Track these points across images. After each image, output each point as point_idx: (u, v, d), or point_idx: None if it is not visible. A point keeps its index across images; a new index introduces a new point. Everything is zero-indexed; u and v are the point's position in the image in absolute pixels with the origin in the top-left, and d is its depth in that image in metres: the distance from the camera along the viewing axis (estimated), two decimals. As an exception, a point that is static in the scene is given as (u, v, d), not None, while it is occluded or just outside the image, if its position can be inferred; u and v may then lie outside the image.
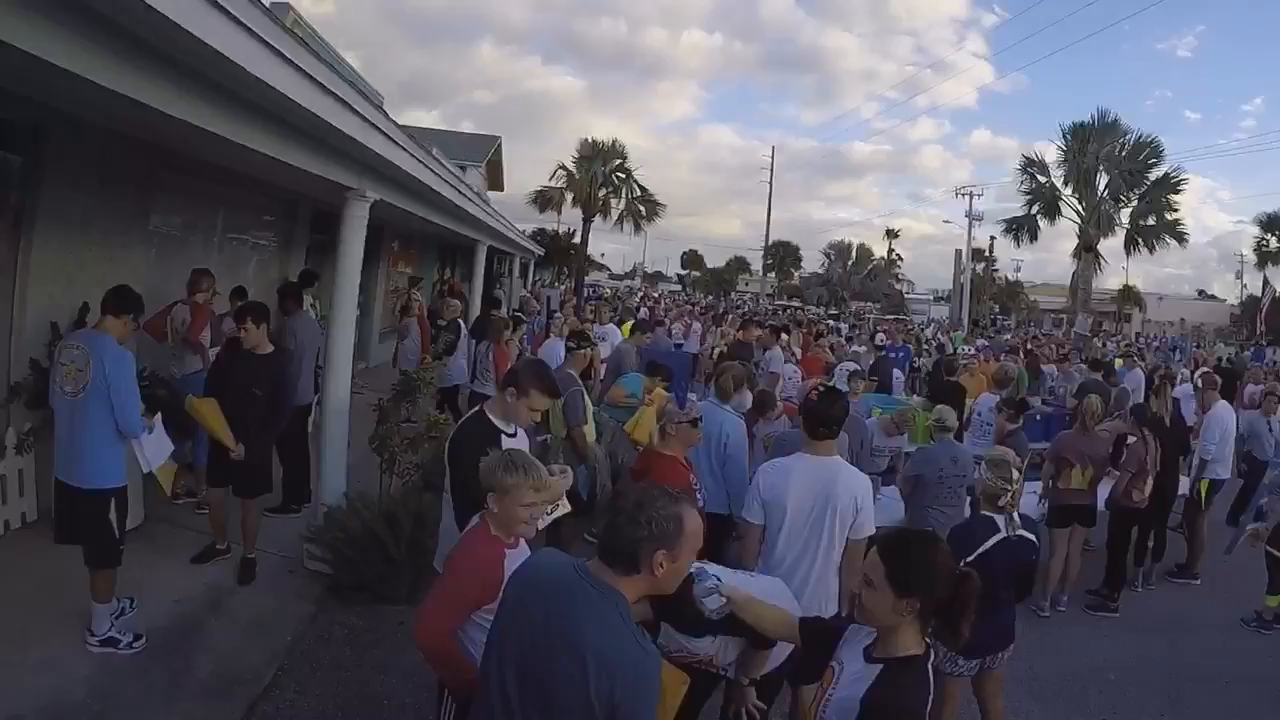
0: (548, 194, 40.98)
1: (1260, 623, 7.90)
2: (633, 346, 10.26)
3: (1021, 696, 6.13)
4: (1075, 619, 7.74)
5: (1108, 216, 38.60)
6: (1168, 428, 8.62)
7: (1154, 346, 37.02)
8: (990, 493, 4.76)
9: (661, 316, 23.35)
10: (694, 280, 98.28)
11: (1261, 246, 48.42)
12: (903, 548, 2.67)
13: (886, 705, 2.46)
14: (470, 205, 11.92)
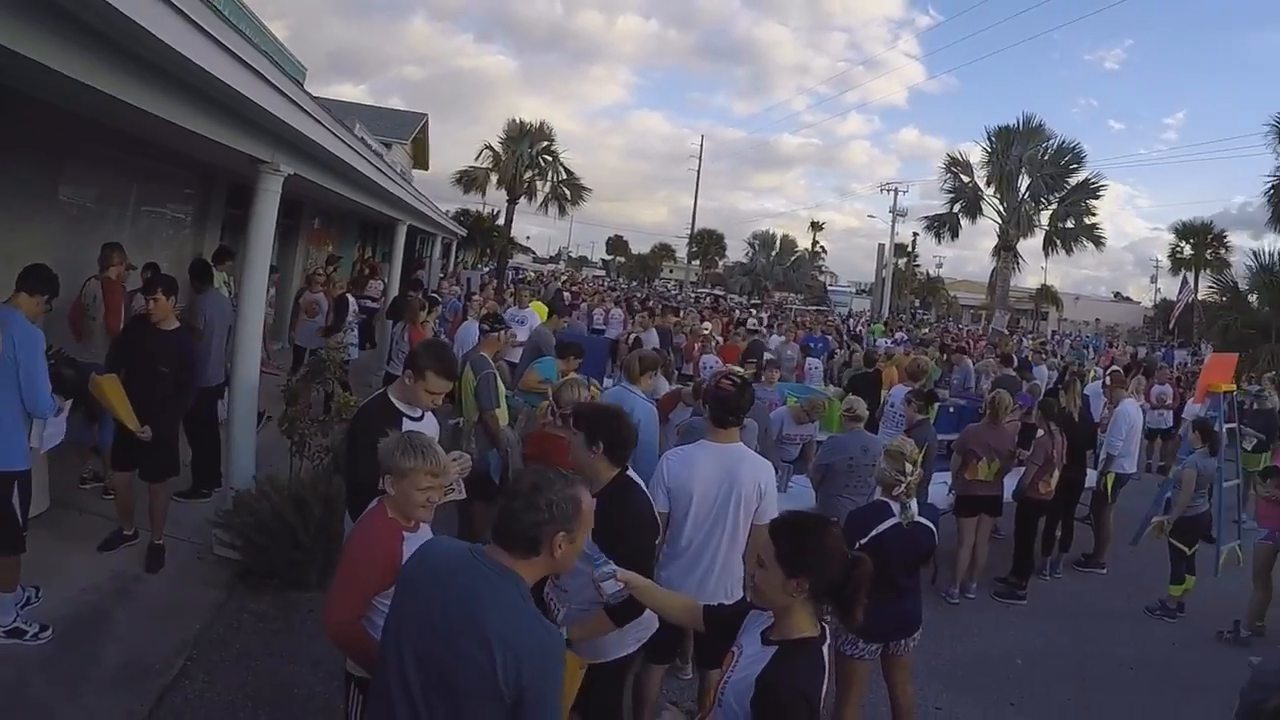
0: (473, 174, 40.63)
1: (1164, 611, 8.26)
2: (549, 331, 10.12)
3: (930, 681, 6.28)
4: (984, 606, 7.98)
5: (1027, 218, 39.50)
6: (1075, 422, 8.96)
7: (1068, 344, 37.86)
8: (886, 481, 4.89)
9: (577, 300, 23.14)
10: (619, 266, 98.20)
11: (1176, 253, 50.49)
12: (794, 529, 2.70)
13: (778, 685, 2.47)
14: (390, 183, 11.74)
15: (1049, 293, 67.40)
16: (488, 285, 25.25)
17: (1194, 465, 8.28)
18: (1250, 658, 6.60)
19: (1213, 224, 49.62)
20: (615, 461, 3.82)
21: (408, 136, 34.92)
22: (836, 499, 6.68)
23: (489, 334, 7.69)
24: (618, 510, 3.64)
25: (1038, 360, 17.99)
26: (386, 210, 15.21)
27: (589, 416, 3.94)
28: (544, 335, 9.99)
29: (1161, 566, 8.45)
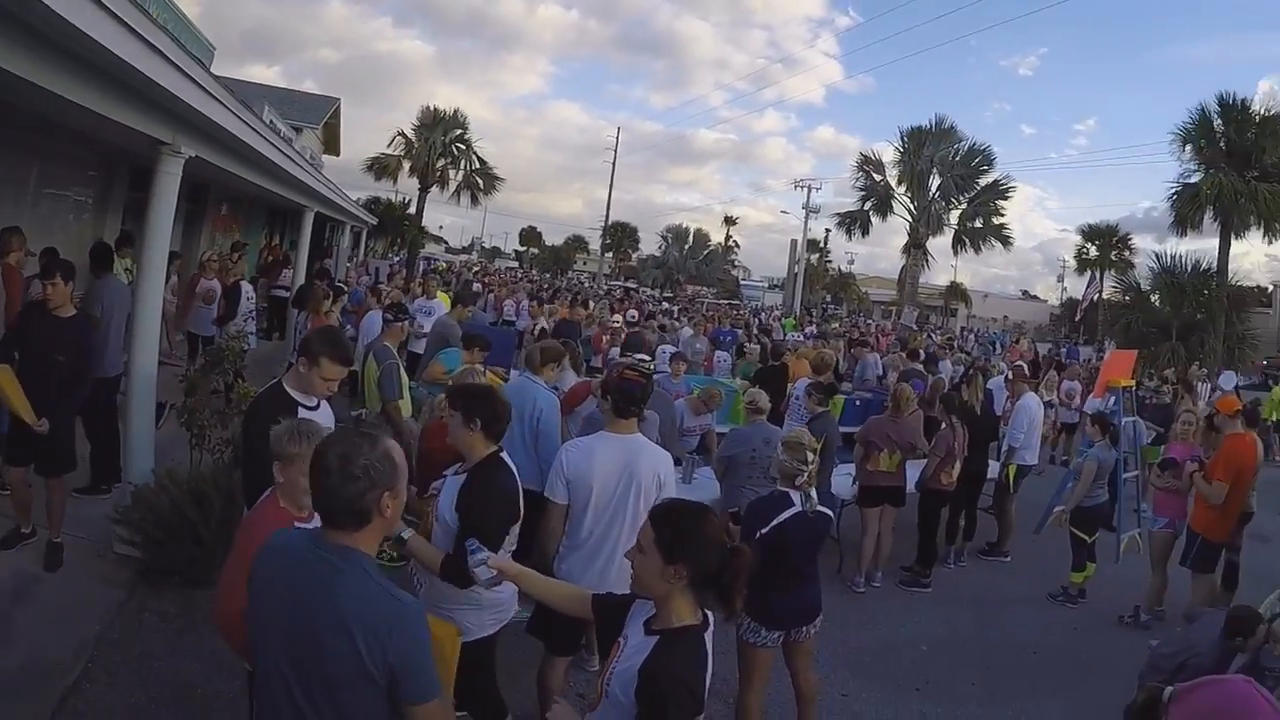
0: (384, 161, 39.81)
1: (1066, 597, 8.50)
2: (454, 321, 9.98)
3: (837, 668, 6.40)
4: (889, 594, 8.12)
5: (937, 217, 40.46)
6: (977, 415, 9.18)
7: (973, 340, 38.77)
8: (787, 472, 4.91)
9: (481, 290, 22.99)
10: (532, 258, 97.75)
11: (1082, 254, 51.91)
12: (673, 516, 2.72)
13: (659, 675, 2.48)
14: (297, 168, 11.43)
15: (958, 290, 69.35)
16: (396, 275, 24.88)
17: (1093, 457, 8.52)
18: (1150, 641, 6.80)
19: (1118, 227, 51.64)
20: (491, 438, 3.90)
21: (319, 121, 34.34)
22: (740, 490, 6.75)
23: (392, 324, 7.58)
24: (480, 486, 3.73)
25: (944, 355, 18.28)
26: (294, 196, 14.92)
27: (464, 395, 4.00)
28: (449, 326, 9.86)
29: (1064, 554, 8.69)
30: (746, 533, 4.75)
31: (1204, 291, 27.36)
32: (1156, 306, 28.22)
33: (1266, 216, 26.43)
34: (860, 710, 5.88)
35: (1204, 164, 27.73)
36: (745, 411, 7.62)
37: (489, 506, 3.73)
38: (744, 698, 4.83)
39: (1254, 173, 26.57)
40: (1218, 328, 26.36)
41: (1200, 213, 27.29)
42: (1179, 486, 7.88)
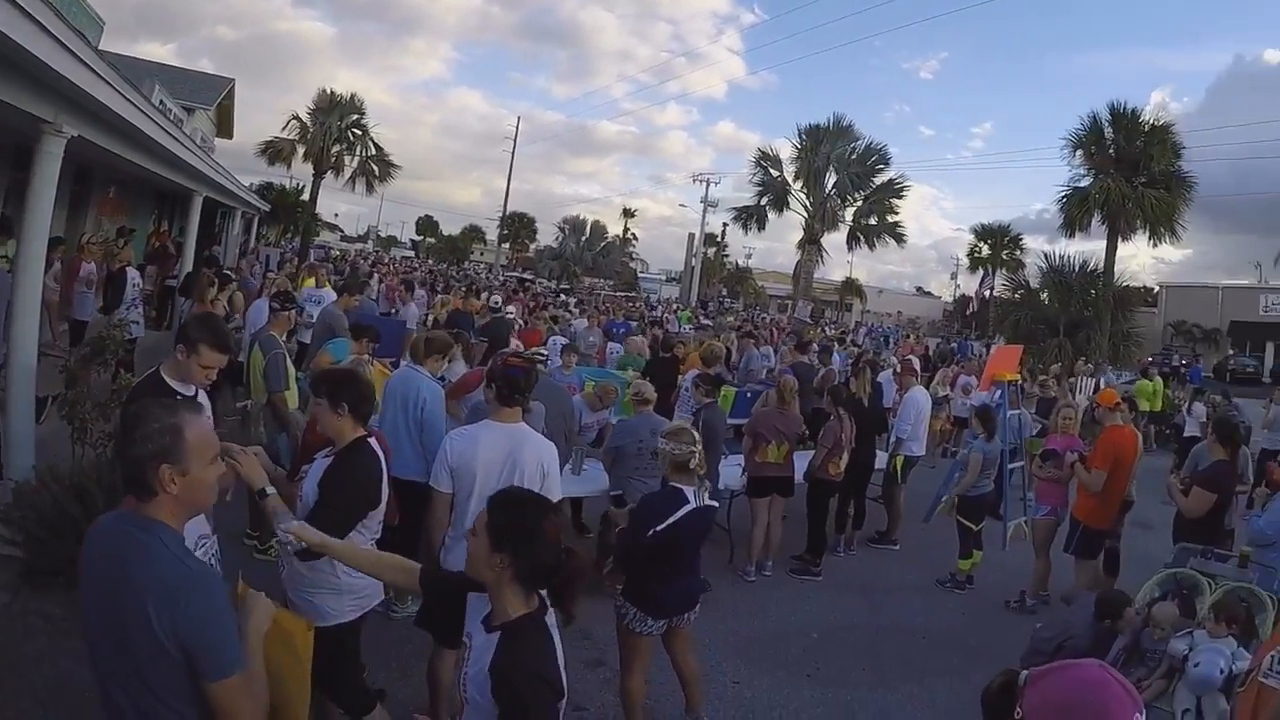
0: (278, 146, 38.96)
1: (954, 583, 8.77)
2: (340, 311, 9.78)
3: (728, 656, 6.49)
4: (780, 583, 8.26)
5: (833, 213, 41.08)
6: (865, 407, 9.42)
7: (862, 334, 39.64)
8: (678, 460, 4.87)
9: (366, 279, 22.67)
10: (428, 247, 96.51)
11: (975, 252, 53.99)
12: (510, 504, 2.72)
13: (510, 672, 2.47)
14: (185, 151, 11.09)
15: (853, 285, 70.66)
16: (288, 263, 24.33)
17: (977, 449, 8.81)
18: (1036, 624, 7.01)
19: (1010, 227, 54.52)
20: (359, 420, 3.91)
21: (212, 102, 33.36)
22: (629, 481, 6.83)
23: (279, 313, 7.42)
24: (339, 467, 3.75)
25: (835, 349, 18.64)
26: (182, 180, 14.54)
27: (327, 380, 3.99)
28: (336, 316, 9.69)
29: (951, 543, 8.95)
30: (638, 529, 4.76)
31: (1091, 291, 28.67)
32: (1045, 304, 29.30)
33: (1152, 221, 27.77)
34: (752, 698, 5.95)
35: (1094, 169, 29.03)
36: (631, 402, 7.62)
37: (345, 487, 3.72)
38: (627, 683, 4.89)
39: (1141, 179, 27.86)
40: (1104, 325, 27.55)
41: (1089, 215, 28.54)
42: (1060, 476, 8.20)
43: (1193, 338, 54.12)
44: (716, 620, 7.04)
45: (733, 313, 50.02)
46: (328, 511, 3.57)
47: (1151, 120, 28.55)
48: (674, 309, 40.54)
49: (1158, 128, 28.20)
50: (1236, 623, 5.48)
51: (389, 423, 5.99)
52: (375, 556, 3.36)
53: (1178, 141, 28.38)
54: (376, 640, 5.03)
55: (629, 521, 5.01)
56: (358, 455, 3.84)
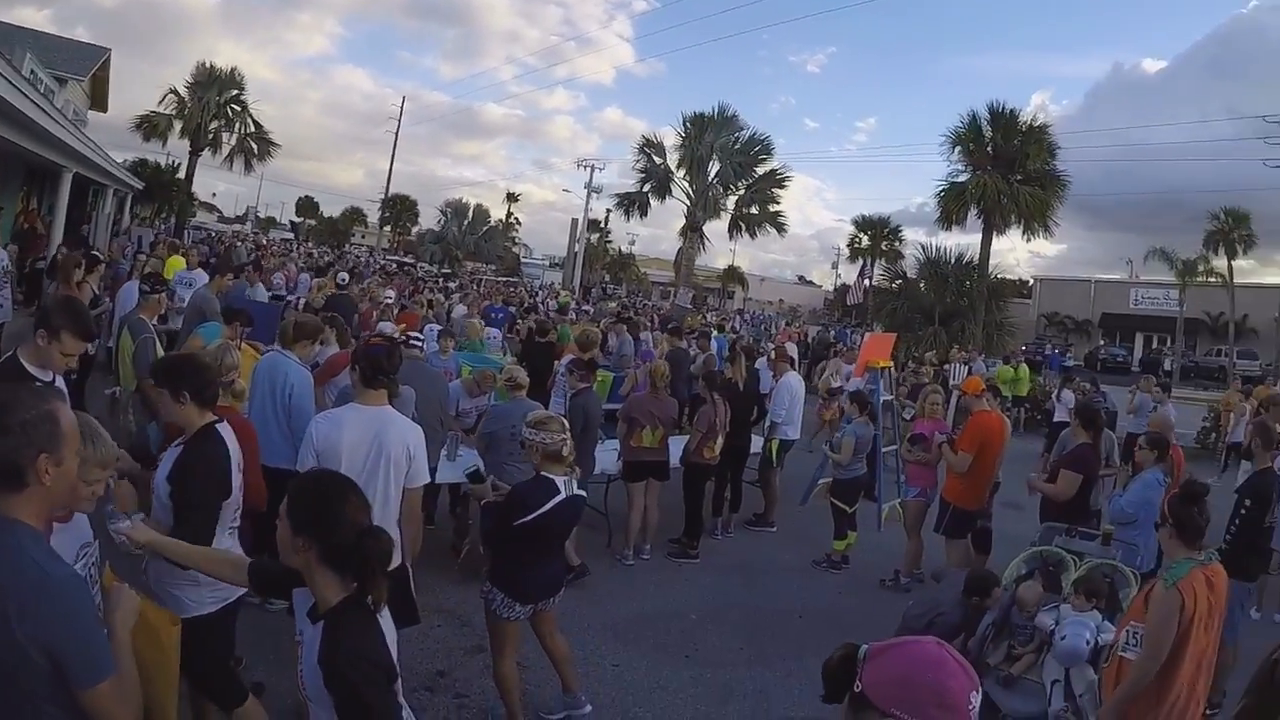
0: (154, 121, 37.42)
1: (829, 564, 9.02)
2: (212, 295, 9.50)
3: (607, 640, 6.59)
4: (659, 567, 8.39)
5: (714, 201, 41.32)
6: (740, 392, 9.62)
7: (738, 321, 40.20)
8: (550, 450, 4.89)
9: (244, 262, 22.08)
10: (308, 229, 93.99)
11: (854, 243, 55.52)
12: (306, 487, 2.70)
13: (337, 659, 2.41)
14: (54, 124, 10.58)
15: (736, 273, 71.61)
16: (161, 244, 23.48)
17: (851, 433, 9.09)
18: (909, 602, 7.16)
19: (890, 219, 56.17)
20: (205, 406, 3.84)
21: (86, 72, 31.61)
22: (503, 467, 6.79)
23: (149, 296, 7.19)
24: (185, 460, 3.70)
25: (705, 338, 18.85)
26: (51, 155, 13.86)
27: (165, 370, 3.94)
28: (207, 299, 9.41)
29: (828, 525, 9.18)
30: (506, 517, 4.77)
31: (966, 282, 29.83)
32: (922, 294, 30.16)
33: (1026, 216, 29.05)
34: (632, 680, 6.03)
35: (971, 165, 30.23)
36: (504, 387, 7.59)
37: (193, 477, 3.66)
38: (500, 669, 4.93)
39: (1017, 176, 29.09)
40: (978, 315, 28.66)
41: (965, 209, 29.80)
42: (928, 459, 8.49)
43: (1065, 328, 57.22)
44: (595, 604, 7.15)
45: (615, 299, 50.10)
46: (191, 513, 3.51)
47: (1029, 121, 29.89)
48: (554, 294, 40.42)
49: (1034, 128, 29.56)
50: (1099, 597, 5.75)
51: (257, 409, 5.90)
52: (206, 554, 3.31)
53: (1053, 142, 29.86)
54: (254, 632, 5.00)
55: (498, 508, 4.99)
56: (204, 444, 3.76)
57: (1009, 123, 29.40)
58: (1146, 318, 56.24)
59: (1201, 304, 49.16)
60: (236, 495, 3.90)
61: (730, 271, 71.67)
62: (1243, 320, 47.58)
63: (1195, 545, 4.23)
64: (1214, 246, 43.05)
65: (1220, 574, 4.26)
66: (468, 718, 5.23)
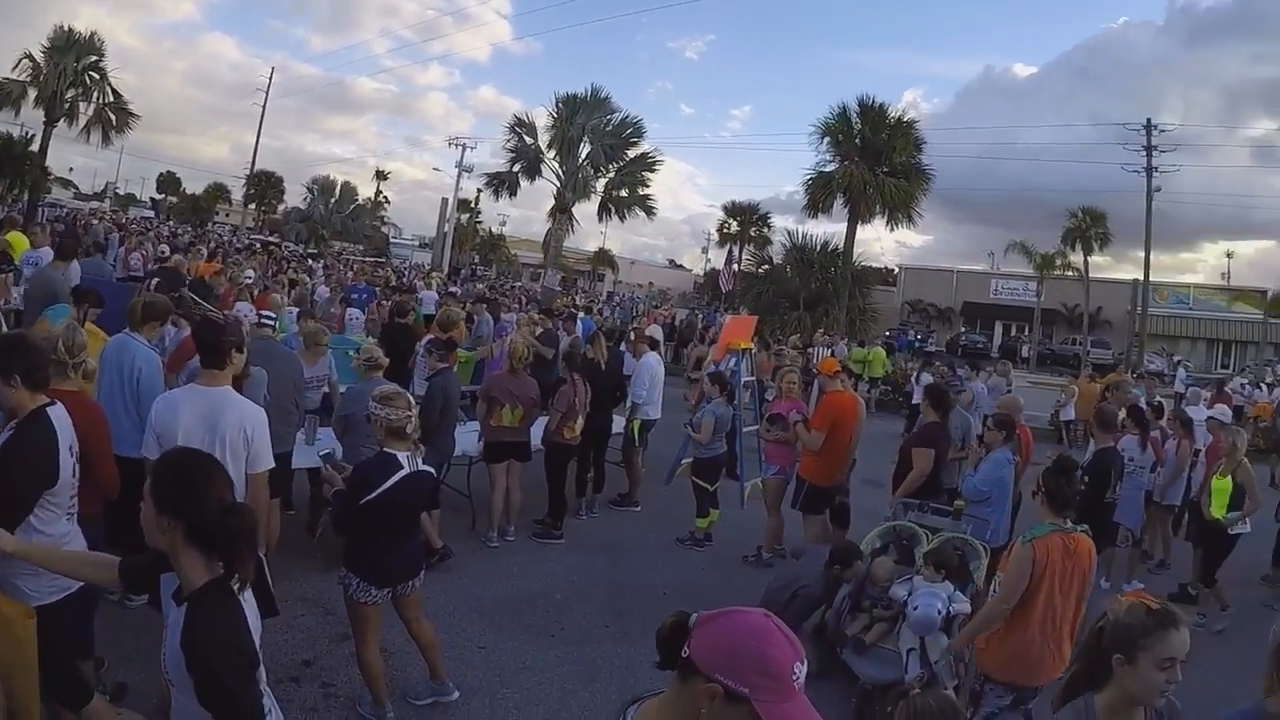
0: (7, 88, 35.05)
1: (693, 541, 9.24)
2: (59, 275, 9.12)
3: (474, 621, 6.64)
4: (523, 548, 8.45)
5: (584, 183, 41.08)
6: (602, 372, 9.69)
7: (616, 304, 40.39)
8: (394, 426, 4.90)
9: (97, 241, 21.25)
10: (170, 206, 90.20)
11: (724, 229, 56.38)
12: (172, 464, 2.71)
13: (198, 642, 2.41)
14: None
15: (606, 256, 71.79)
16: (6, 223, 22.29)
17: (711, 413, 9.27)
18: (771, 577, 7.37)
19: (759, 206, 57.77)
20: (36, 389, 3.77)
21: (-66, 36, 29.65)
22: (360, 449, 6.69)
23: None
24: (11, 444, 3.64)
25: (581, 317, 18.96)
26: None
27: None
28: (54, 280, 9.01)
29: (691, 503, 9.37)
30: (352, 496, 4.75)
31: (831, 268, 30.57)
32: (788, 279, 30.74)
33: (891, 207, 30.29)
34: (499, 661, 6.08)
35: (840, 156, 31.22)
36: (361, 368, 7.51)
37: (14, 462, 3.59)
38: (363, 655, 4.92)
39: (884, 168, 30.20)
40: (841, 300, 29.56)
41: (832, 198, 30.84)
42: (786, 438, 8.74)
43: (928, 315, 59.41)
44: (461, 586, 7.18)
45: (485, 280, 49.76)
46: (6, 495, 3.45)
47: (897, 116, 30.99)
48: (425, 274, 39.89)
49: (902, 123, 30.74)
50: (948, 568, 6.07)
51: (105, 394, 5.71)
52: (73, 557, 3.29)
53: (919, 137, 31.17)
54: (114, 630, 4.93)
55: (345, 488, 4.95)
56: (32, 428, 3.69)
57: (878, 116, 30.38)
58: (1006, 307, 58.88)
59: (1059, 296, 52.43)
60: (68, 480, 3.80)
61: (600, 254, 71.79)
62: (1097, 312, 51.42)
63: (1062, 513, 4.75)
64: (1072, 242, 46.60)
65: (1082, 543, 4.74)
66: (335, 707, 5.19)
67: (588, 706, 5.64)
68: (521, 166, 42.79)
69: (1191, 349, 53.29)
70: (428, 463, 5.13)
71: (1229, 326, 54.82)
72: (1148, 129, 42.69)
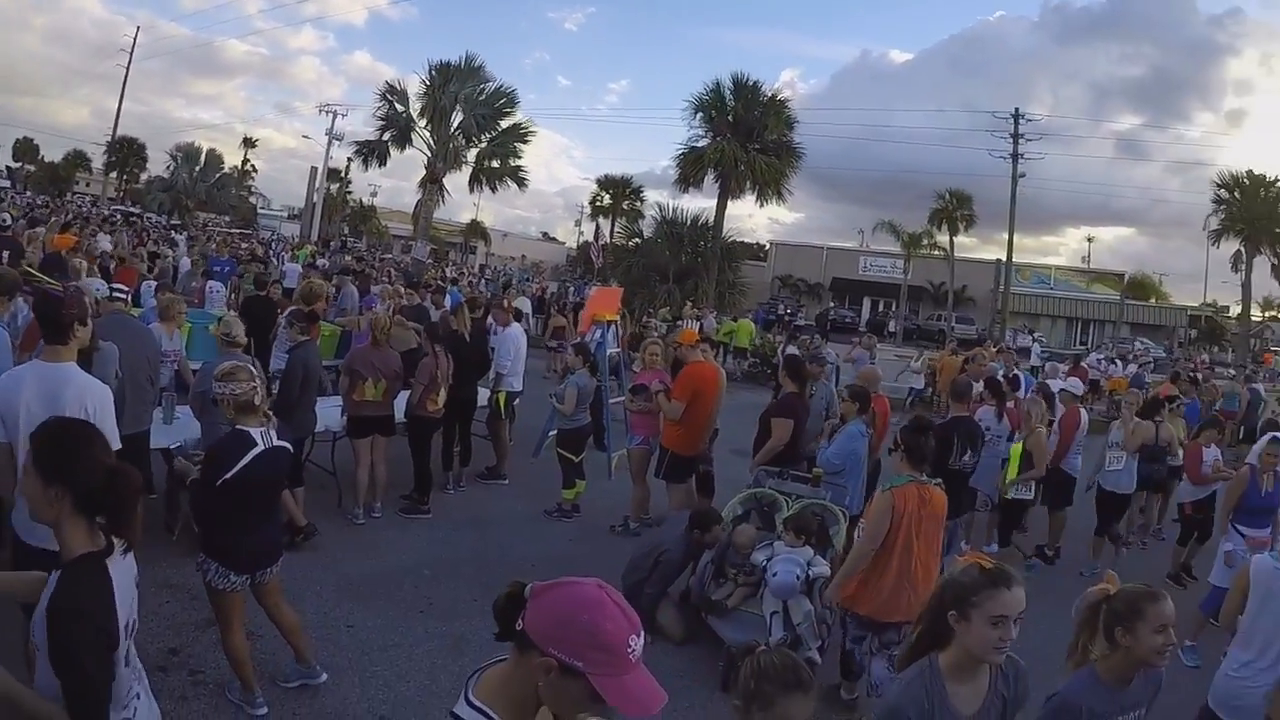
0: None
1: (561, 513, 9.34)
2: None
3: (341, 601, 6.61)
4: (390, 524, 8.42)
5: (455, 153, 40.60)
6: (466, 344, 9.67)
7: (487, 278, 40.26)
8: (240, 400, 4.77)
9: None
10: (27, 175, 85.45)
11: (596, 202, 56.09)
12: (52, 434, 2.66)
13: (61, 612, 2.41)
14: None
15: (479, 228, 71.20)
16: None
17: (574, 384, 9.37)
18: (637, 545, 7.55)
19: (632, 179, 58.35)
20: None
21: None
22: (220, 426, 6.45)
23: None
24: None
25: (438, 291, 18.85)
26: None
27: None
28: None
29: (559, 475, 9.45)
30: (207, 479, 4.63)
31: (701, 242, 30.81)
32: (658, 252, 30.94)
33: (761, 183, 30.61)
34: (367, 639, 6.08)
35: (712, 132, 31.46)
36: (219, 342, 7.31)
37: None
38: (227, 642, 4.85)
39: (755, 146, 30.48)
40: (711, 274, 29.84)
41: (703, 174, 31.13)
42: (649, 408, 8.90)
43: (799, 290, 60.64)
44: (327, 565, 7.14)
45: (354, 252, 48.86)
46: None
47: (771, 94, 31.42)
48: (292, 247, 38.98)
49: (775, 101, 31.20)
50: (807, 533, 6.30)
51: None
52: None
53: (792, 115, 31.68)
54: None
55: (200, 472, 4.80)
56: None
57: (751, 94, 30.74)
58: (874, 283, 60.95)
59: (925, 274, 55.26)
60: None
61: (473, 226, 71.15)
62: (962, 290, 53.80)
63: (918, 467, 5.36)
64: (938, 223, 49.35)
65: (936, 494, 5.35)
66: (204, 695, 5.11)
67: (457, 680, 5.57)
68: (392, 135, 42.07)
69: (1052, 327, 56.99)
70: (286, 438, 5.04)
71: (1088, 306, 58.81)
72: (1015, 118, 45.11)
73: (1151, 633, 2.99)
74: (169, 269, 16.42)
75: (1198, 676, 5.36)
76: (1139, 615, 3.01)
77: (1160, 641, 2.99)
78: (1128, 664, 3.07)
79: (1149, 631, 2.99)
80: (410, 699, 5.46)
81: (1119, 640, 3.05)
